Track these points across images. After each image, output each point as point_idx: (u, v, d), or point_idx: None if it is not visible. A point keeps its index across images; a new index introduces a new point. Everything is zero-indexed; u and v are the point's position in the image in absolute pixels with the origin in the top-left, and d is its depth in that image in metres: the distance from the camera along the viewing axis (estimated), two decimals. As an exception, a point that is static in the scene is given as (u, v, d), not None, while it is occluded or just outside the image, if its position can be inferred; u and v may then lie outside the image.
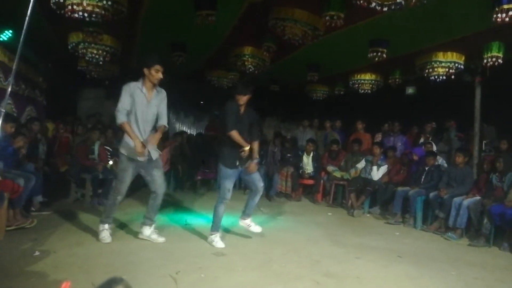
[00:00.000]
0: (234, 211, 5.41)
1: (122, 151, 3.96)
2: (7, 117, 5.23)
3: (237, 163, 4.19)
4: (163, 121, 4.02)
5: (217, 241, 4.18)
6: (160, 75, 3.88)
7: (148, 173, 4.07)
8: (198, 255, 3.82)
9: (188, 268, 3.44)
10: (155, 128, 4.02)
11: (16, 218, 4.33)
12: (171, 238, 4.37)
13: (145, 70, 3.88)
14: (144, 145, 3.84)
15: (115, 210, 4.19)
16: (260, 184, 4.34)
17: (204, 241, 4.29)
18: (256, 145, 4.34)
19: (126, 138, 3.92)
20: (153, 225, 4.24)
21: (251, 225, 4.51)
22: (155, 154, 4.03)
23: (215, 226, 4.25)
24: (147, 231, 4.20)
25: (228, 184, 4.19)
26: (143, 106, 3.90)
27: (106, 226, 4.11)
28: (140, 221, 4.31)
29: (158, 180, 4.09)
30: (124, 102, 3.84)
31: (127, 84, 3.93)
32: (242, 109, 4.26)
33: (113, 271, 3.25)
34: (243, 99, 4.20)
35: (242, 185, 8.36)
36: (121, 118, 3.81)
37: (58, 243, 3.90)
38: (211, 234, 4.24)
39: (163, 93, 4.06)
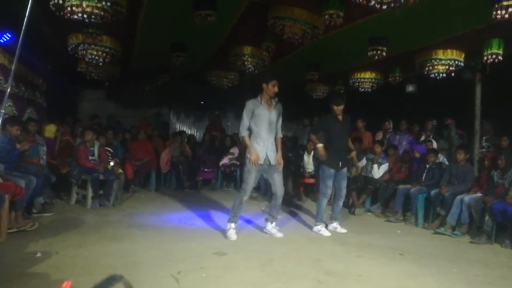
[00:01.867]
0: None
1: (248, 155, 4.47)
2: (13, 120, 5.26)
3: (340, 164, 4.92)
4: (279, 134, 4.69)
5: (323, 230, 4.94)
6: (276, 89, 4.56)
7: (269, 176, 4.63)
8: (199, 254, 3.83)
9: (189, 267, 3.44)
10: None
11: (18, 220, 4.34)
12: (172, 238, 4.38)
13: (264, 86, 4.56)
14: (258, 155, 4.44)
15: (242, 209, 4.60)
16: (344, 191, 5.11)
17: (205, 241, 4.30)
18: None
19: (253, 143, 4.50)
20: (274, 222, 4.76)
21: (338, 227, 5.11)
22: (273, 158, 4.55)
23: (320, 218, 5.00)
24: (269, 226, 4.73)
25: (329, 182, 4.94)
26: (265, 116, 4.50)
27: (233, 225, 4.51)
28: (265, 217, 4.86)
29: (277, 183, 4.59)
30: (245, 120, 4.49)
31: (247, 102, 4.53)
32: (340, 118, 5.00)
33: (115, 272, 3.26)
34: (339, 109, 4.96)
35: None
36: (242, 132, 4.51)
37: (60, 245, 3.91)
38: (317, 224, 4.99)
39: (280, 107, 4.69)
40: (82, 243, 3.99)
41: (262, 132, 4.49)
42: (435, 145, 6.89)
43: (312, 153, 7.59)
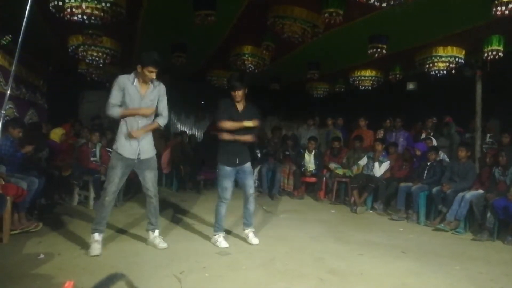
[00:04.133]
0: (238, 210, 5.42)
1: (115, 146, 3.75)
2: (15, 122, 5.27)
3: (237, 161, 4.05)
4: (161, 120, 3.87)
5: (221, 241, 4.14)
6: (153, 76, 3.68)
7: (140, 173, 3.90)
8: (202, 254, 3.83)
9: (192, 267, 3.45)
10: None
11: (21, 221, 4.35)
12: (174, 238, 4.38)
13: (138, 68, 3.66)
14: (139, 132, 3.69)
15: (106, 213, 3.79)
16: (251, 191, 4.21)
17: (207, 241, 4.30)
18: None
19: (118, 134, 3.75)
20: (156, 231, 4.05)
21: (249, 236, 4.32)
22: (146, 153, 3.84)
23: (218, 227, 4.20)
24: (151, 237, 4.04)
25: (226, 183, 4.07)
26: (136, 100, 3.69)
27: (97, 235, 3.76)
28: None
29: (148, 182, 3.90)
30: (114, 97, 3.67)
31: (117, 78, 3.72)
32: (240, 106, 4.07)
33: (117, 272, 3.26)
34: (239, 94, 3.98)
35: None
36: (115, 112, 3.67)
37: (62, 246, 3.92)
38: (215, 235, 4.21)
39: (162, 87, 3.83)
40: (84, 244, 3.99)
41: (131, 118, 3.70)
42: (434, 142, 6.89)
43: (313, 152, 7.60)
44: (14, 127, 4.95)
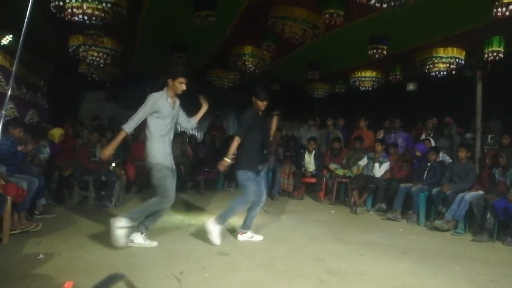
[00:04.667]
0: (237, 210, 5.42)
1: (159, 160, 3.86)
2: (15, 122, 5.28)
3: (260, 167, 4.37)
4: (192, 122, 4.37)
5: (255, 236, 4.42)
6: (183, 87, 3.99)
7: None
8: (201, 255, 3.83)
9: (191, 268, 3.45)
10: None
11: (21, 222, 4.35)
12: (174, 238, 4.38)
13: (169, 82, 3.97)
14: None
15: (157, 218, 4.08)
16: (262, 198, 4.37)
17: (207, 241, 4.29)
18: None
19: (154, 147, 3.89)
20: (145, 232, 4.07)
21: (253, 235, 4.46)
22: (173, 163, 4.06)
23: (250, 225, 4.41)
24: (138, 237, 4.01)
25: (254, 186, 4.24)
26: (169, 114, 3.99)
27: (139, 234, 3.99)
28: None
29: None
30: (141, 117, 3.89)
31: (151, 97, 3.94)
32: (261, 113, 4.38)
33: (117, 272, 3.26)
34: (265, 105, 4.32)
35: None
36: (128, 127, 3.86)
37: (62, 246, 3.91)
38: (244, 233, 4.40)
39: (178, 102, 4.19)
40: (84, 244, 4.00)
41: (166, 132, 3.97)
42: (432, 143, 6.89)
43: (313, 153, 7.60)
44: (14, 127, 4.95)
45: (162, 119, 3.92)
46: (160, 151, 3.90)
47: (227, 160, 4.25)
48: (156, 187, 3.90)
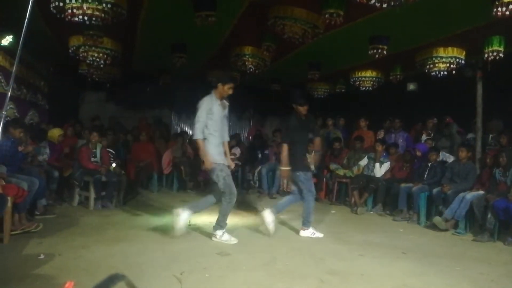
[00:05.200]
0: (238, 210, 5.43)
1: (215, 159, 4.24)
2: (16, 122, 5.27)
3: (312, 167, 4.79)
4: (227, 137, 4.55)
5: (316, 232, 4.73)
6: (231, 91, 4.33)
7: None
8: (202, 255, 3.83)
9: (192, 268, 3.45)
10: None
11: (22, 222, 4.36)
12: (175, 239, 4.38)
13: (219, 86, 4.31)
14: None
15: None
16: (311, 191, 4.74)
17: (208, 241, 4.31)
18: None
19: (210, 148, 4.25)
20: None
21: (315, 232, 4.77)
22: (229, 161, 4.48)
23: (311, 220, 4.76)
24: (219, 234, 4.39)
25: (311, 184, 4.73)
26: (220, 116, 4.31)
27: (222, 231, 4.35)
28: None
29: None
30: (203, 119, 4.23)
31: (203, 100, 4.28)
32: (303, 116, 4.74)
33: (117, 272, 3.27)
34: (305, 109, 4.69)
35: (244, 185, 8.39)
36: (198, 134, 4.24)
37: (63, 246, 3.92)
38: (307, 229, 4.73)
39: (227, 105, 4.48)
40: (85, 245, 4.00)
41: (218, 134, 4.32)
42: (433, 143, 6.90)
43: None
44: (15, 128, 4.96)
45: (214, 120, 4.26)
46: (216, 151, 4.28)
47: (286, 169, 4.68)
48: (222, 186, 4.26)
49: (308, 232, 4.76)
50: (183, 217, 4.28)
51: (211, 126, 4.27)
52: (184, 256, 3.77)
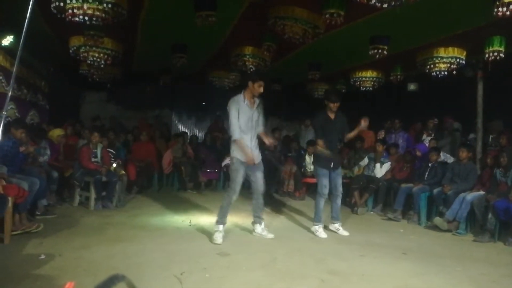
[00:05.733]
0: (238, 210, 5.43)
1: (235, 154, 4.40)
2: (17, 123, 5.27)
3: (331, 165, 4.85)
4: (260, 128, 4.57)
5: (320, 231, 4.80)
6: (261, 90, 4.37)
7: (253, 174, 4.51)
8: (202, 255, 3.83)
9: (192, 268, 3.44)
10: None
11: (22, 222, 4.36)
12: (175, 239, 4.39)
13: (250, 84, 4.37)
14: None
15: (229, 210, 4.50)
16: (339, 189, 4.94)
17: (208, 242, 4.31)
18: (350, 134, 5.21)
19: (233, 143, 4.40)
20: (263, 222, 4.65)
21: (340, 229, 4.98)
22: (258, 158, 4.52)
23: (318, 218, 4.85)
24: (258, 229, 4.63)
25: (325, 182, 4.83)
26: (248, 115, 4.38)
27: (221, 227, 4.39)
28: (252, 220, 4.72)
29: (259, 181, 4.52)
30: (235, 117, 4.34)
31: (231, 100, 4.38)
32: (332, 115, 4.90)
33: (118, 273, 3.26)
34: (336, 106, 4.84)
35: (245, 185, 8.38)
36: (236, 135, 4.34)
37: (63, 246, 3.92)
38: (315, 225, 4.85)
39: (260, 103, 4.53)
40: (85, 245, 4.00)
41: (246, 131, 4.41)
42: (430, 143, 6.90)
43: (312, 155, 7.59)
44: (16, 128, 4.96)
45: (241, 119, 4.34)
46: (235, 147, 4.39)
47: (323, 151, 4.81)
48: (230, 178, 4.52)
49: (313, 228, 4.89)
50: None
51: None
52: (184, 256, 3.77)
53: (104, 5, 4.38)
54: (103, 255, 3.73)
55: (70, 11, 4.37)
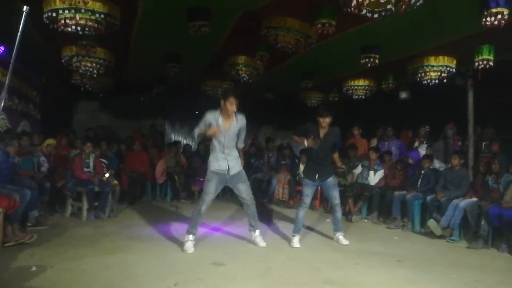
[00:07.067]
0: (233, 220, 5.40)
1: (209, 166, 4.40)
2: (7, 134, 5.21)
3: (316, 177, 4.72)
4: (239, 144, 4.53)
5: (295, 241, 4.68)
6: (234, 108, 4.21)
7: (234, 188, 4.53)
8: (197, 265, 3.80)
9: (187, 278, 3.41)
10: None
11: (15, 233, 4.30)
12: (169, 249, 4.34)
13: (221, 103, 4.24)
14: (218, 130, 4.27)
15: (201, 220, 4.46)
16: (336, 202, 4.85)
17: (203, 251, 4.27)
18: (336, 156, 5.10)
19: (211, 155, 4.41)
20: (257, 231, 4.62)
21: (339, 239, 4.94)
22: (235, 169, 4.42)
23: (295, 228, 4.76)
24: (252, 236, 4.63)
25: (306, 191, 4.76)
26: (221, 134, 4.30)
27: (191, 236, 4.34)
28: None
29: (242, 194, 4.49)
30: (199, 127, 4.41)
31: (205, 114, 4.36)
32: (322, 131, 4.71)
33: (112, 285, 3.22)
34: (326, 121, 4.65)
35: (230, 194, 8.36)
36: (194, 133, 4.48)
37: (55, 258, 3.86)
38: (293, 235, 4.74)
39: (243, 121, 4.42)
40: (77, 256, 3.94)
41: (220, 145, 4.36)
42: (424, 151, 6.96)
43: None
44: (12, 141, 4.94)
45: (215, 136, 4.32)
46: (213, 157, 4.39)
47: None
48: (203, 189, 4.48)
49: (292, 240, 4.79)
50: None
51: (213, 139, 4.39)
52: (179, 266, 3.74)
53: (97, 15, 4.39)
54: (95, 266, 3.68)
55: (62, 21, 4.38)
